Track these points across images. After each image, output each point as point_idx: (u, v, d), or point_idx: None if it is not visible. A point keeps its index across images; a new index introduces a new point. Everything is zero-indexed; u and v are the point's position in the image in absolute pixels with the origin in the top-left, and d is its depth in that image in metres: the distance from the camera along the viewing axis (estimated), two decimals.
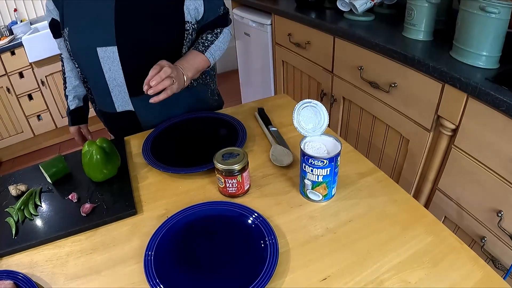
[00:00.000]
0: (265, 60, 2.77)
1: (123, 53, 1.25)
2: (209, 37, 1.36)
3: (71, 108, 1.52)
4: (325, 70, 2.07)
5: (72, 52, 1.32)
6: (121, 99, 1.36)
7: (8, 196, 1.13)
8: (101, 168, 1.05)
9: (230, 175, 0.89)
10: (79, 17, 1.26)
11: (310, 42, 2.11)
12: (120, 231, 0.93)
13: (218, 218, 0.87)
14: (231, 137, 1.17)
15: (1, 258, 0.95)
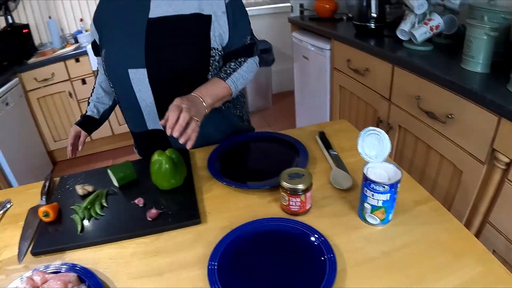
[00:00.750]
0: (322, 84, 2.84)
1: (152, 75, 1.32)
2: (232, 65, 1.39)
3: (87, 113, 1.57)
4: (383, 98, 2.12)
5: (107, 73, 1.41)
6: (152, 118, 1.42)
7: (75, 195, 1.24)
8: (169, 177, 1.14)
9: (294, 194, 0.95)
10: (114, 40, 1.36)
11: (369, 69, 2.17)
12: (184, 238, 1.00)
13: (280, 233, 0.93)
14: (293, 157, 1.24)
15: (64, 251, 1.04)
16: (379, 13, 2.32)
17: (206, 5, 1.30)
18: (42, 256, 1.04)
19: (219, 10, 1.31)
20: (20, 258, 1.06)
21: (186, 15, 1.29)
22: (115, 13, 1.35)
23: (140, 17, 1.30)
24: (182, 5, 1.29)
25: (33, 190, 1.37)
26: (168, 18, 1.29)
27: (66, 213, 1.18)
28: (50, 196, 1.30)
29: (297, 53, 3.17)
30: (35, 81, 3.44)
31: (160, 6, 1.29)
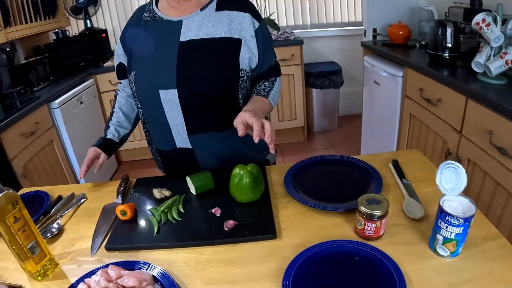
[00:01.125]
0: (392, 111, 2.87)
1: (183, 96, 1.39)
2: (267, 84, 1.49)
3: (107, 136, 1.60)
4: (454, 129, 2.14)
5: (137, 93, 1.49)
6: (180, 137, 1.50)
7: (151, 197, 1.35)
8: (248, 191, 1.21)
9: (370, 219, 1.01)
10: (145, 62, 1.43)
11: (442, 100, 2.20)
12: (259, 251, 1.06)
13: (353, 256, 0.98)
14: (367, 183, 1.29)
15: (139, 250, 1.13)
16: (454, 43, 2.35)
17: (235, 30, 1.39)
18: (115, 252, 1.14)
19: (248, 34, 1.41)
20: (93, 251, 1.15)
21: (216, 38, 1.38)
22: (145, 37, 1.43)
23: (171, 40, 1.39)
24: (212, 28, 1.38)
25: (108, 188, 1.51)
26: (198, 41, 1.37)
27: (141, 213, 1.28)
28: (126, 196, 1.42)
29: (368, 78, 3.23)
30: (109, 84, 3.72)
31: (191, 30, 1.38)
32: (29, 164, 2.72)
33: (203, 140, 1.49)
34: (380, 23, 3.26)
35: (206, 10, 1.40)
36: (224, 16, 1.40)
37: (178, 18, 1.40)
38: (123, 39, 1.52)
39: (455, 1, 2.66)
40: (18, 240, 1.01)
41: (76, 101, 3.33)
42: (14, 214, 0.99)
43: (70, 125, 3.22)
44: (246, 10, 1.42)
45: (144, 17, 1.46)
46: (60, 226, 1.29)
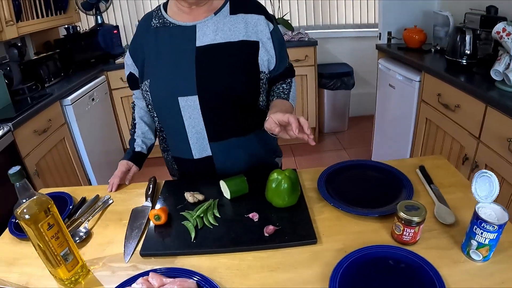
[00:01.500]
0: (407, 114, 2.94)
1: (204, 101, 1.38)
2: (285, 86, 1.53)
3: (136, 150, 1.61)
4: (471, 135, 2.20)
5: (153, 102, 1.46)
6: (199, 146, 1.48)
7: (182, 201, 1.34)
8: (286, 196, 1.23)
9: (409, 225, 1.06)
10: (161, 69, 1.42)
11: (460, 106, 2.27)
12: (301, 256, 1.08)
13: (394, 261, 1.03)
14: (398, 188, 1.33)
15: (176, 256, 1.12)
16: (472, 50, 2.42)
17: (252, 33, 1.41)
18: (151, 258, 1.14)
19: (264, 36, 1.42)
20: (126, 257, 1.14)
21: (234, 42, 1.38)
22: (158, 44, 1.42)
23: (187, 46, 1.38)
24: (229, 32, 1.39)
25: (133, 190, 1.52)
26: (216, 45, 1.37)
27: (174, 218, 1.27)
28: (155, 199, 1.42)
29: (382, 81, 3.30)
30: (121, 81, 3.76)
31: (206, 35, 1.38)
32: (42, 162, 2.75)
33: (224, 146, 1.50)
34: (395, 26, 3.34)
35: (220, 14, 1.41)
36: (239, 20, 1.41)
37: (191, 23, 1.40)
38: (132, 49, 1.50)
39: (470, 7, 2.74)
40: (52, 248, 0.99)
41: (88, 98, 3.38)
42: (48, 221, 0.97)
43: (82, 122, 3.26)
44: (260, 13, 1.44)
45: (153, 24, 1.45)
46: (88, 230, 1.28)
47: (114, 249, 1.19)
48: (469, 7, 2.78)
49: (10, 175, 0.94)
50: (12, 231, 1.30)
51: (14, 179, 0.95)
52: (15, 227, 1.32)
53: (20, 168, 0.95)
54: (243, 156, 1.55)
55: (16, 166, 0.95)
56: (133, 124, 1.68)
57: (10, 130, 2.38)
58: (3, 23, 2.77)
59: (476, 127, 2.17)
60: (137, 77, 1.52)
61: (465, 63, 2.43)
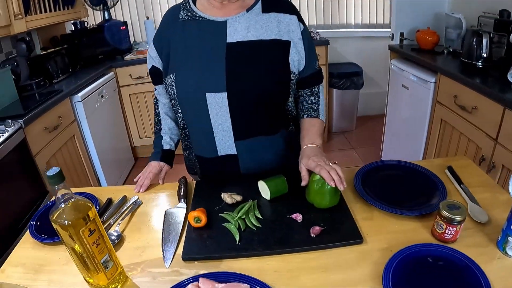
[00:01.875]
0: (421, 115, 3.01)
1: (232, 99, 1.37)
2: (313, 99, 1.55)
3: (165, 148, 1.63)
4: (489, 137, 2.28)
5: (179, 97, 1.44)
6: (224, 143, 1.47)
7: (218, 202, 1.33)
8: (329, 196, 1.23)
9: (451, 224, 1.11)
10: (188, 63, 1.40)
11: (477, 108, 2.34)
12: (349, 256, 1.10)
13: (439, 259, 1.07)
14: (432, 188, 1.38)
15: (221, 260, 1.11)
16: (488, 53, 2.50)
17: (284, 32, 1.41)
18: (194, 262, 1.12)
19: (296, 37, 1.42)
20: (167, 262, 1.12)
21: (266, 40, 1.38)
22: (186, 37, 1.41)
23: (217, 41, 1.37)
24: (261, 30, 1.38)
25: (162, 191, 1.51)
26: (247, 42, 1.37)
27: (213, 220, 1.26)
28: (188, 200, 1.40)
29: (395, 81, 3.37)
30: (130, 78, 3.80)
31: (238, 32, 1.37)
32: (52, 160, 2.74)
33: (249, 145, 1.49)
34: (407, 27, 3.41)
35: (252, 12, 1.40)
36: (272, 18, 1.40)
37: (222, 18, 1.39)
38: (157, 41, 1.49)
39: (482, 10, 2.83)
40: (92, 255, 0.95)
41: (98, 95, 3.40)
42: (89, 226, 0.92)
43: (91, 119, 3.27)
44: (293, 13, 1.44)
45: (181, 17, 1.43)
46: (119, 234, 1.25)
47: (151, 254, 1.17)
48: (480, 10, 2.86)
49: (49, 177, 0.87)
50: (35, 235, 1.26)
51: (53, 181, 0.88)
52: (36, 230, 1.29)
53: (60, 169, 0.89)
54: (268, 156, 1.55)
55: (55, 168, 0.89)
56: (157, 121, 1.68)
57: (21, 127, 2.36)
58: (12, 17, 2.74)
59: (493, 128, 2.24)
60: (160, 70, 1.50)
61: (480, 66, 2.50)
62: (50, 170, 0.88)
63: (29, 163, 2.46)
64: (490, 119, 2.26)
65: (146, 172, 1.57)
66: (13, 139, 2.27)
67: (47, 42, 3.79)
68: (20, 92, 2.89)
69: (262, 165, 1.55)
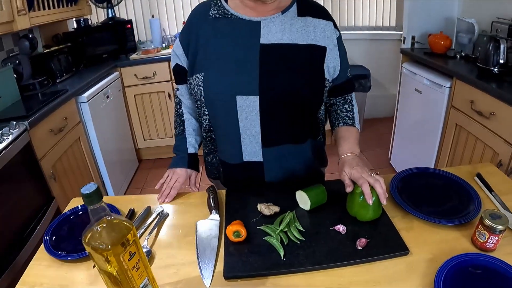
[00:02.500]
0: (435, 120, 3.00)
1: (264, 103, 1.32)
2: (347, 107, 1.52)
3: (190, 151, 1.58)
4: (507, 143, 2.27)
5: (206, 98, 1.38)
6: (251, 149, 1.42)
7: (258, 214, 1.28)
8: (373, 208, 1.21)
9: (494, 233, 1.11)
10: (220, 63, 1.34)
11: (495, 114, 2.34)
12: (397, 268, 1.08)
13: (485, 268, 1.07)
14: (467, 197, 1.37)
15: (267, 277, 1.06)
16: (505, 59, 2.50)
17: (320, 37, 1.36)
18: (237, 280, 1.06)
19: (331, 43, 1.38)
20: (206, 280, 1.06)
21: (301, 45, 1.33)
22: (217, 35, 1.36)
23: (250, 41, 1.32)
24: (297, 34, 1.33)
25: (188, 201, 1.45)
26: (282, 45, 1.32)
27: (252, 233, 1.20)
28: (220, 211, 1.35)
29: (406, 85, 3.37)
30: (135, 78, 3.77)
31: (272, 33, 1.32)
32: (58, 164, 2.67)
33: (276, 153, 1.44)
34: (418, 31, 3.40)
35: (288, 14, 1.35)
36: (308, 22, 1.36)
37: (256, 18, 1.33)
38: (184, 39, 1.42)
39: (494, 15, 2.83)
40: (131, 280, 0.87)
41: (103, 95, 3.36)
42: (130, 249, 0.84)
43: (97, 121, 3.22)
44: (329, 19, 1.41)
45: (212, 14, 1.38)
46: (149, 250, 1.18)
47: (188, 272, 1.10)
48: (491, 15, 2.87)
49: (85, 195, 0.77)
50: (51, 251, 1.19)
51: (90, 200, 0.78)
52: (53, 245, 1.21)
53: (97, 187, 0.79)
54: (294, 165, 1.51)
55: (92, 184, 0.79)
56: (180, 121, 1.62)
57: (27, 129, 2.27)
58: (15, 12, 2.64)
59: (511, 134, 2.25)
60: (185, 69, 1.44)
61: (496, 72, 2.50)
62: (86, 186, 0.78)
63: (34, 167, 2.38)
64: (509, 125, 2.25)
65: (172, 181, 1.51)
66: (18, 142, 2.19)
67: (49, 40, 3.73)
68: (22, 91, 2.83)
69: (287, 174, 1.51)
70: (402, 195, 1.40)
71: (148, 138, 4.14)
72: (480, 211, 1.28)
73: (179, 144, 1.60)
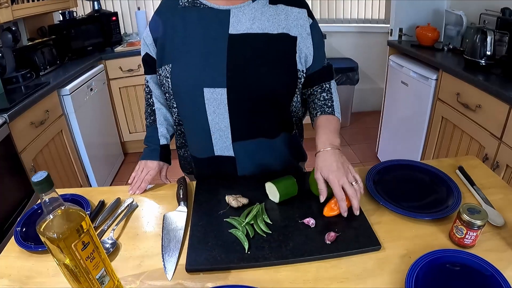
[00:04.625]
0: (421, 112, 2.97)
1: (232, 96, 1.27)
2: (325, 95, 1.42)
3: (161, 143, 1.53)
4: (493, 136, 2.24)
5: (174, 90, 1.35)
6: (222, 144, 1.38)
7: (225, 206, 1.24)
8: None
9: (472, 228, 1.06)
10: (186, 54, 1.29)
11: (481, 106, 2.30)
12: (367, 264, 1.03)
13: (460, 265, 1.02)
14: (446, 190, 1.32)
15: (230, 270, 1.02)
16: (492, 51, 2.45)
17: (292, 26, 1.31)
18: (199, 273, 1.03)
19: (304, 31, 1.32)
20: (169, 273, 1.03)
21: (273, 34, 1.28)
22: (185, 25, 1.30)
23: (219, 32, 1.27)
24: (267, 23, 1.28)
25: (159, 192, 1.41)
26: (252, 35, 1.27)
27: (218, 225, 1.16)
28: (188, 203, 1.31)
29: (393, 78, 3.33)
30: (120, 70, 3.71)
31: (242, 23, 1.27)
32: (39, 157, 2.63)
33: (249, 147, 1.40)
34: (406, 23, 3.36)
35: (259, 2, 1.29)
36: (280, 10, 1.30)
37: (225, 7, 1.28)
38: (154, 27, 1.36)
39: (482, 7, 2.80)
40: (87, 271, 0.84)
41: (86, 88, 3.30)
42: (83, 239, 0.81)
43: (80, 113, 3.17)
44: (303, 6, 1.35)
45: (182, 3, 1.32)
46: (114, 241, 1.15)
47: (151, 264, 1.07)
48: (479, 7, 2.83)
49: (35, 183, 0.75)
50: (20, 242, 1.16)
51: (40, 188, 0.76)
52: (22, 236, 1.19)
53: (48, 174, 0.76)
54: (268, 160, 1.47)
55: (42, 172, 0.76)
56: (150, 111, 1.55)
57: (6, 122, 2.23)
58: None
59: (498, 127, 2.20)
60: (155, 59, 1.38)
61: (484, 64, 2.45)
62: (36, 175, 0.75)
63: (14, 160, 2.34)
64: (495, 118, 2.22)
65: (143, 174, 1.47)
66: None
67: (34, 33, 3.66)
68: (5, 84, 2.77)
69: (261, 169, 1.47)
70: (378, 188, 1.35)
71: (134, 131, 4.08)
72: (459, 205, 1.23)
73: (151, 135, 1.55)
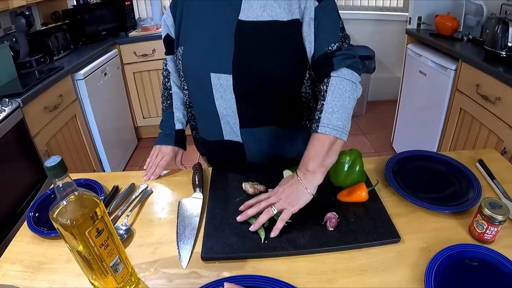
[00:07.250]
0: (439, 103, 2.93)
1: (238, 83, 1.25)
2: (321, 99, 1.21)
3: (177, 128, 1.52)
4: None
5: (184, 73, 1.34)
6: (229, 130, 1.37)
7: (243, 194, 1.23)
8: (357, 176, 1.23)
9: (493, 223, 1.04)
10: (197, 39, 1.28)
11: (501, 99, 2.27)
12: (386, 257, 1.03)
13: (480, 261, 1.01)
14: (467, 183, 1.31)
15: (246, 259, 1.02)
16: None
17: (298, 12, 1.21)
18: (215, 262, 1.02)
19: (308, 16, 1.21)
20: (183, 261, 1.02)
21: (283, 21, 1.21)
22: (199, 8, 1.28)
23: (229, 16, 1.23)
24: (279, 9, 1.21)
25: (174, 178, 1.41)
26: (262, 23, 1.21)
27: (234, 213, 1.14)
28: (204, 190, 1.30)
29: (411, 67, 3.28)
30: (134, 55, 3.71)
31: (253, 9, 1.21)
32: (53, 141, 2.66)
33: (257, 135, 1.38)
34: (425, 12, 3.30)
35: None
36: None
37: None
38: (173, 7, 1.36)
39: None
40: (101, 258, 0.83)
41: (100, 73, 3.31)
42: (97, 226, 0.80)
43: (94, 98, 3.19)
44: None
45: None
46: (128, 228, 1.15)
47: (165, 252, 1.06)
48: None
49: (48, 168, 0.73)
50: (33, 227, 1.16)
51: (54, 173, 0.74)
52: (35, 221, 1.19)
53: (61, 159, 0.75)
54: (279, 149, 1.43)
55: (55, 157, 0.74)
56: (167, 95, 1.55)
57: (19, 107, 2.27)
58: None
59: None
60: (174, 40, 1.38)
61: (504, 55, 2.41)
62: (49, 159, 0.74)
63: (27, 144, 2.37)
64: None
65: (157, 159, 1.47)
66: (11, 119, 2.18)
67: (48, 17, 3.68)
68: (19, 69, 2.81)
69: (270, 158, 1.45)
70: (397, 179, 1.34)
71: (148, 116, 4.09)
72: (480, 199, 1.22)
73: (166, 120, 1.54)
